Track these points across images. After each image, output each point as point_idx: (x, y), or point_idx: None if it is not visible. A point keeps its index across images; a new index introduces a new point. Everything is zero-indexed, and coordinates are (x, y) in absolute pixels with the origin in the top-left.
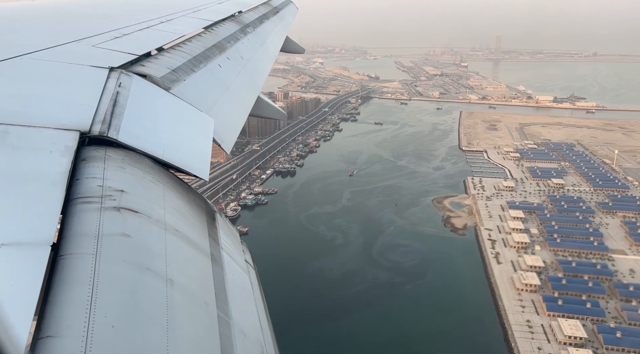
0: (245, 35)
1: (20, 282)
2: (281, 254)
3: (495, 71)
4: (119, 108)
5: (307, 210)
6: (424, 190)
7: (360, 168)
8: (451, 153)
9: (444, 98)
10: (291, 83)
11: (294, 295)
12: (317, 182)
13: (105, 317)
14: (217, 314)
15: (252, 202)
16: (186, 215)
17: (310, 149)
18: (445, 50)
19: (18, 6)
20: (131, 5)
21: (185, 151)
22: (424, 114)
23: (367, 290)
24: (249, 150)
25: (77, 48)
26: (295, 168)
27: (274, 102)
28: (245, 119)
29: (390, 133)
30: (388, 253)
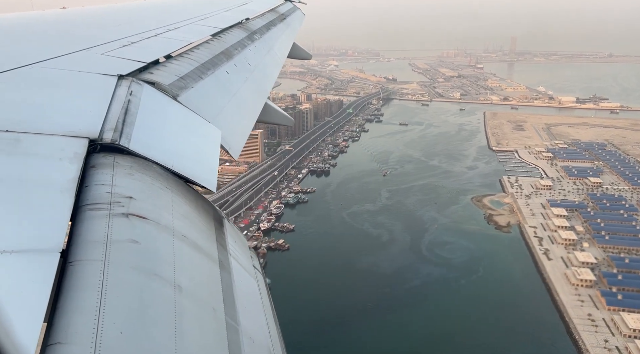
0: (252, 42)
1: (30, 288)
2: (331, 249)
3: (510, 72)
4: (130, 116)
5: (348, 208)
6: (461, 188)
7: (393, 168)
8: (482, 153)
9: (465, 100)
10: (310, 86)
11: (351, 289)
12: (352, 181)
13: (114, 323)
14: (225, 320)
15: (294, 200)
16: (194, 221)
17: (340, 149)
18: (459, 52)
19: (30, 16)
20: (139, 14)
21: (193, 161)
22: (447, 115)
23: (422, 285)
24: (281, 150)
25: (86, 56)
26: (329, 167)
27: (298, 104)
28: (252, 125)
29: (417, 133)
30: (436, 250)
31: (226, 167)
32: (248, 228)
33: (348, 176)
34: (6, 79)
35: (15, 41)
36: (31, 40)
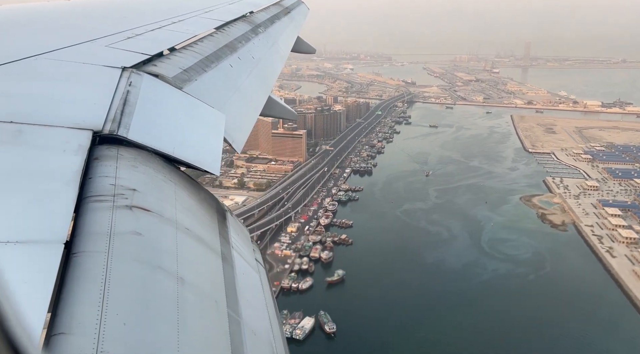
0: (256, 35)
1: (33, 279)
2: (394, 245)
3: (524, 77)
4: (129, 106)
5: (400, 206)
6: (507, 189)
7: (434, 168)
8: (519, 155)
9: (489, 103)
10: (330, 89)
11: (423, 282)
12: (397, 181)
13: (117, 315)
14: (228, 312)
15: (345, 198)
16: (197, 213)
17: (377, 150)
18: (472, 57)
19: (34, 7)
20: (144, 6)
21: (196, 147)
22: (475, 118)
23: (491, 280)
24: (321, 150)
25: (90, 48)
26: (371, 167)
27: (326, 106)
28: (256, 119)
29: (449, 135)
30: (498, 247)
31: (272, 165)
32: (308, 224)
33: (391, 176)
34: (10, 70)
35: (20, 32)
36: (36, 31)
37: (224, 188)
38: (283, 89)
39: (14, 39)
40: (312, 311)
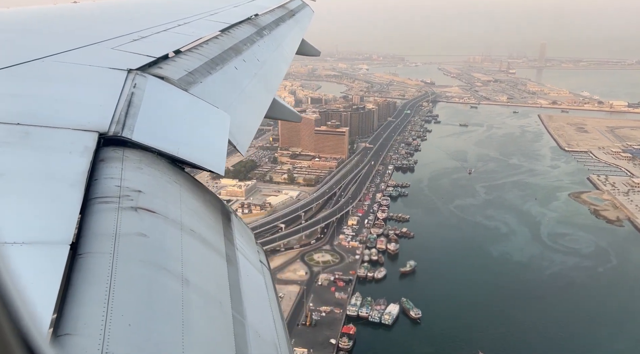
0: (261, 37)
1: (39, 280)
2: (455, 238)
3: (539, 78)
4: (133, 108)
5: (451, 202)
6: (553, 186)
7: (475, 166)
8: (556, 153)
9: (513, 103)
10: (351, 89)
11: (494, 274)
12: (441, 178)
13: (122, 316)
14: (232, 314)
15: (395, 194)
16: (202, 215)
17: (414, 148)
18: (485, 58)
19: (41, 10)
20: (149, 9)
21: (200, 148)
22: (502, 117)
23: (561, 272)
24: (360, 148)
25: (96, 50)
26: (412, 164)
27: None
28: (260, 121)
29: (482, 134)
30: (560, 241)
31: (316, 162)
32: (366, 217)
33: (434, 172)
34: (18, 72)
35: (27, 34)
36: (43, 33)
37: (275, 183)
38: (305, 89)
39: (21, 42)
40: (390, 298)
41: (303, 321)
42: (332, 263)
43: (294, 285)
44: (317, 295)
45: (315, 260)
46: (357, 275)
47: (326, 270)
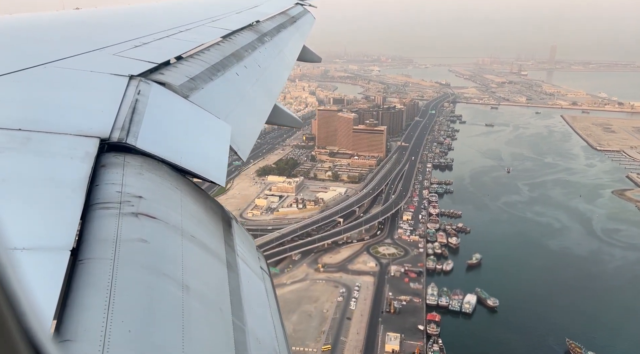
0: (262, 44)
1: (40, 286)
2: (511, 233)
3: (550, 79)
4: (137, 115)
5: (498, 199)
6: (594, 184)
7: (512, 164)
8: (588, 152)
9: (532, 104)
10: (367, 90)
11: (558, 267)
12: (481, 176)
13: (122, 322)
14: (232, 321)
15: (441, 190)
16: (203, 221)
17: (447, 146)
18: (494, 60)
19: (44, 16)
20: (151, 15)
21: (202, 157)
22: (525, 118)
23: (625, 266)
24: (394, 147)
25: (98, 56)
26: (451, 163)
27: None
28: (261, 127)
29: (510, 134)
30: (615, 236)
31: (355, 160)
32: (419, 213)
33: (473, 171)
34: (20, 78)
35: (30, 41)
36: (45, 40)
37: (320, 180)
38: (324, 90)
39: (24, 48)
40: (462, 289)
41: (387, 309)
42: (398, 255)
43: (367, 276)
44: (392, 285)
45: (381, 253)
46: (427, 267)
47: (394, 262)
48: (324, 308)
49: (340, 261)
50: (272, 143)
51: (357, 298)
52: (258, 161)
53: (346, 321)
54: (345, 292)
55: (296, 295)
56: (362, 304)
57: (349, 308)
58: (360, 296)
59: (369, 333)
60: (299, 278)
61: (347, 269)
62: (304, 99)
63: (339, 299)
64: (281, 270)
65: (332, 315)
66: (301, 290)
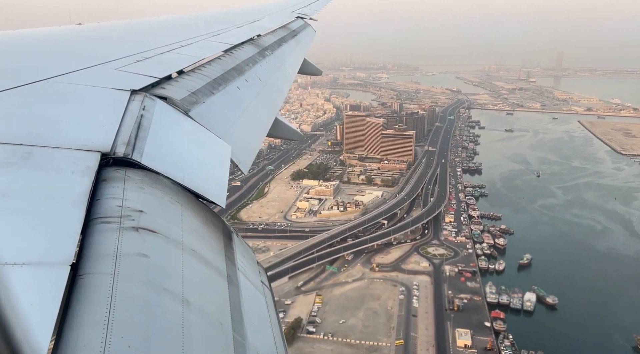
0: (263, 58)
1: (39, 301)
2: (555, 234)
3: (557, 85)
4: (142, 131)
5: (534, 202)
6: (627, 186)
7: (540, 169)
8: (614, 157)
9: (547, 110)
10: (380, 97)
11: (604, 265)
12: (512, 179)
13: (121, 337)
14: (233, 335)
15: (477, 194)
16: (203, 235)
17: (472, 151)
18: (500, 67)
19: (47, 32)
20: (153, 30)
21: (203, 177)
22: (542, 123)
23: None
24: (421, 151)
25: (100, 71)
26: (479, 167)
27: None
28: (262, 140)
29: (531, 139)
30: None
31: (386, 164)
32: (460, 216)
33: (502, 175)
34: (22, 93)
35: (33, 56)
36: (48, 55)
37: (354, 184)
38: (339, 97)
39: (27, 63)
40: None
41: (450, 307)
42: (448, 256)
43: (422, 275)
44: (449, 284)
45: (432, 253)
46: (479, 267)
47: (447, 262)
48: (387, 305)
49: (393, 261)
50: (298, 149)
51: (419, 296)
52: (289, 165)
53: (412, 318)
54: (405, 290)
55: (357, 292)
56: (424, 302)
57: (412, 305)
58: (420, 295)
59: (437, 329)
60: (356, 277)
61: (401, 268)
62: (320, 106)
63: (401, 297)
64: (338, 269)
65: (397, 312)
66: (361, 288)
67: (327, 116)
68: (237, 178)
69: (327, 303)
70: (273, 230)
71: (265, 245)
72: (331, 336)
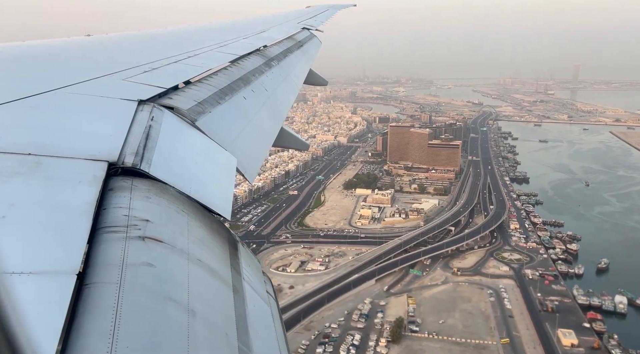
0: (269, 68)
1: (45, 311)
2: (623, 239)
3: (574, 97)
4: (150, 141)
5: (591, 209)
6: None
7: (587, 178)
8: None
9: (574, 121)
10: (403, 110)
11: None
12: (562, 188)
13: (127, 347)
14: (238, 346)
15: (532, 201)
16: (209, 245)
17: (514, 161)
18: (515, 80)
19: (55, 43)
20: (160, 41)
21: (210, 188)
22: (574, 134)
23: None
24: (467, 161)
25: (108, 82)
26: (527, 176)
27: (427, 122)
28: (268, 150)
29: (568, 149)
30: None
31: (433, 173)
32: (523, 222)
33: (551, 183)
34: (31, 104)
35: (42, 67)
36: (57, 66)
37: (406, 193)
38: (364, 110)
39: (36, 74)
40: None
41: (544, 308)
42: (524, 260)
43: (505, 279)
44: (534, 287)
45: (507, 258)
46: (559, 270)
47: (527, 266)
48: (480, 307)
49: (472, 266)
50: (340, 160)
51: (509, 298)
52: (337, 175)
53: (509, 318)
54: (494, 293)
55: (446, 295)
56: (516, 304)
57: (506, 307)
58: (510, 297)
59: (537, 329)
60: (440, 281)
61: (482, 272)
62: (348, 119)
63: (492, 300)
64: (420, 273)
65: (492, 313)
66: (449, 290)
67: (359, 128)
68: (292, 188)
69: (421, 304)
70: (343, 236)
71: (340, 250)
72: (435, 334)
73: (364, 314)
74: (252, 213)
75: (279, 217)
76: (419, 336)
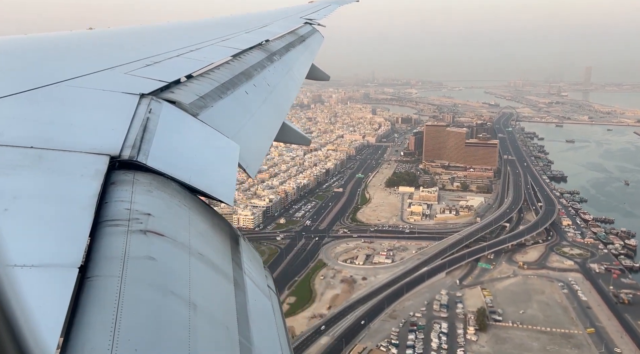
0: (271, 63)
1: (47, 303)
2: None
3: (586, 99)
4: (148, 133)
5: (638, 207)
6: None
7: (625, 177)
8: None
9: (595, 122)
10: (421, 111)
11: None
12: (602, 186)
13: (128, 340)
14: (239, 339)
15: (577, 199)
16: (210, 239)
17: (547, 160)
18: (526, 82)
19: (58, 36)
20: (163, 35)
21: (211, 176)
22: (599, 134)
23: None
24: (506, 158)
25: (110, 75)
26: (564, 175)
27: (450, 122)
28: (270, 144)
29: (597, 149)
30: None
31: (472, 172)
32: (575, 220)
33: (590, 182)
34: (33, 97)
35: (44, 60)
36: (59, 59)
37: (449, 190)
38: (384, 111)
39: (38, 67)
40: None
41: (620, 300)
42: (585, 255)
43: (573, 272)
44: (603, 280)
45: (569, 253)
46: (623, 264)
47: (590, 261)
48: (555, 298)
49: (535, 260)
50: (373, 159)
51: (582, 290)
52: (375, 174)
53: (587, 310)
54: (564, 286)
55: (519, 287)
56: (590, 296)
57: (581, 299)
58: (583, 289)
59: (620, 320)
60: (508, 274)
61: (547, 266)
62: (370, 119)
63: (564, 292)
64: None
65: (569, 304)
66: (520, 283)
67: (384, 128)
68: (334, 186)
69: (496, 296)
70: (399, 231)
71: (400, 244)
72: (520, 323)
73: (445, 305)
74: (303, 209)
75: (330, 213)
76: (504, 325)
